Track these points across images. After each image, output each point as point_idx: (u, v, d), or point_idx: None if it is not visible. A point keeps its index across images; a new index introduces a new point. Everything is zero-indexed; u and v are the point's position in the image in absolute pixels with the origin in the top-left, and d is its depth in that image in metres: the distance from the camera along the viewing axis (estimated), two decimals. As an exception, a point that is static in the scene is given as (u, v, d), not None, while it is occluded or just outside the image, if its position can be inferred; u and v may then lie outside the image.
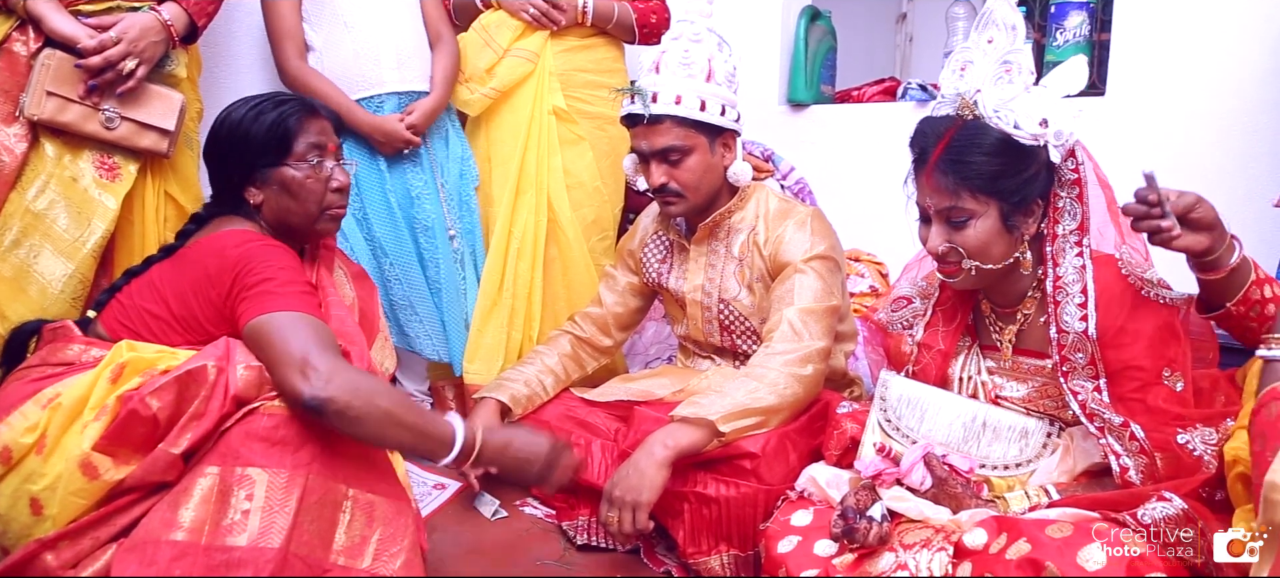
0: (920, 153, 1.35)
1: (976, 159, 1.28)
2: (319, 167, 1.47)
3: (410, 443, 1.31)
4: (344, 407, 1.22)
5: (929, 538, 1.24)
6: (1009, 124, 1.26)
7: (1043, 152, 1.29)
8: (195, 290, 1.36)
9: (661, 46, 1.77)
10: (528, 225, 2.21)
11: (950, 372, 1.47)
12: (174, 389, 1.21)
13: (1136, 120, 2.07)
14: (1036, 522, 1.16)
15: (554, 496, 1.86)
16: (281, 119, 1.45)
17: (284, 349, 1.25)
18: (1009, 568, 1.09)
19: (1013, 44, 1.29)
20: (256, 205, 1.47)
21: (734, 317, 1.85)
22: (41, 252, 1.60)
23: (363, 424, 1.24)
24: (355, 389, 1.24)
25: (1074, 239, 1.32)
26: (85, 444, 1.20)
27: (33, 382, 1.31)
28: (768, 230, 1.80)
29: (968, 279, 1.36)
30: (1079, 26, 2.16)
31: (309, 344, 1.25)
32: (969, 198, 1.29)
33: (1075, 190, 1.32)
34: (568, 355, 1.98)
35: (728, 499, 1.53)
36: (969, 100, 1.30)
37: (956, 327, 1.48)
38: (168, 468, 1.22)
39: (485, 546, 1.72)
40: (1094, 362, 1.29)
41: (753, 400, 1.57)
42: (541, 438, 1.45)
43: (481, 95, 2.21)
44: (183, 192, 1.80)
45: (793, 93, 2.77)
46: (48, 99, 1.55)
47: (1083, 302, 1.30)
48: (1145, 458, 1.23)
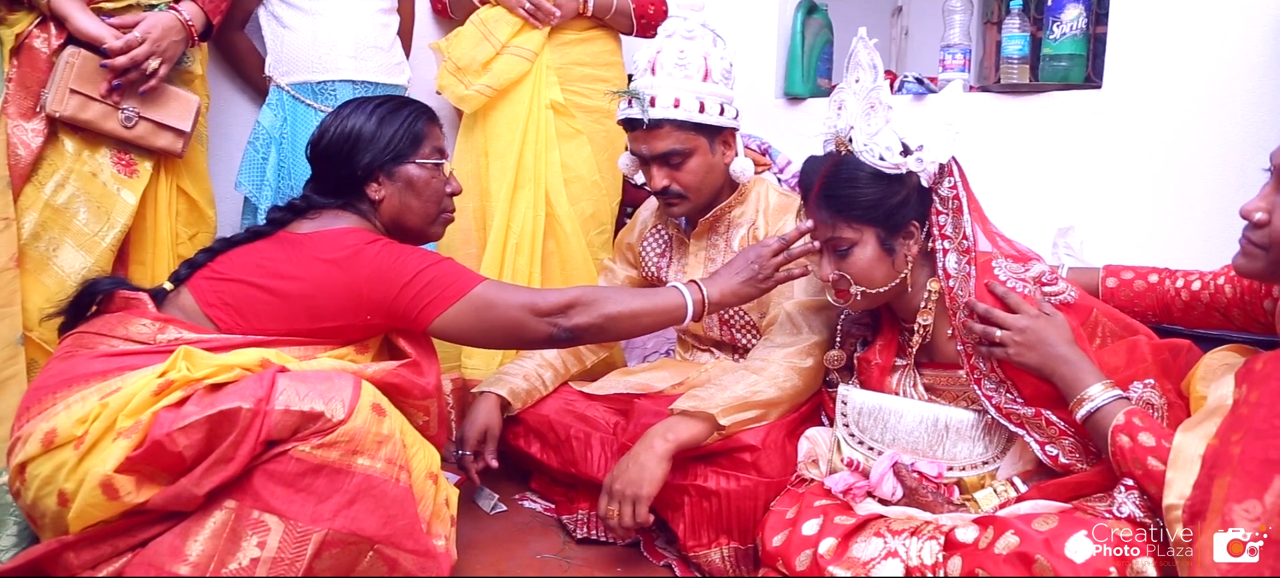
0: (804, 190, 1.46)
1: (849, 192, 1.39)
2: (439, 169, 1.53)
3: (651, 322, 1.51)
4: (598, 326, 1.44)
5: (919, 527, 1.25)
6: (874, 157, 1.37)
7: (913, 177, 1.38)
8: (324, 279, 1.36)
9: (656, 45, 1.76)
10: (526, 220, 2.20)
11: (888, 385, 1.52)
12: (204, 429, 1.17)
13: (1133, 114, 2.07)
14: (1023, 516, 1.17)
15: (553, 489, 1.86)
16: (413, 119, 1.52)
17: (507, 318, 1.41)
18: (998, 562, 1.11)
19: (873, 83, 1.39)
20: (377, 200, 1.49)
21: (733, 311, 1.85)
22: (61, 245, 1.63)
23: (613, 325, 1.46)
24: (593, 308, 1.44)
25: (960, 250, 1.39)
26: (108, 465, 1.16)
27: (102, 356, 1.27)
28: (768, 225, 1.80)
29: (856, 303, 1.46)
30: (1076, 20, 2.16)
31: (520, 299, 1.42)
32: (846, 227, 1.40)
33: (955, 204, 1.41)
34: (567, 349, 1.97)
35: (728, 492, 1.53)
36: (843, 137, 1.40)
37: (891, 344, 1.54)
38: (188, 503, 1.20)
39: (484, 540, 1.72)
40: (996, 369, 1.36)
41: (752, 394, 1.57)
42: (743, 256, 1.57)
43: (475, 91, 2.19)
44: (194, 185, 1.84)
45: (789, 86, 2.76)
46: (71, 96, 1.58)
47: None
48: (1069, 438, 1.29)
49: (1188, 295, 1.47)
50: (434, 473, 1.40)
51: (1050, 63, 2.21)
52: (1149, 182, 2.06)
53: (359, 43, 2.10)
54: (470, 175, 2.28)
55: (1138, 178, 2.06)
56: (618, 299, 1.49)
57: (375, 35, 2.13)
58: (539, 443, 1.85)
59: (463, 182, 2.29)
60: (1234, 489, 1.01)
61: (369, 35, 2.11)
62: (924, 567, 1.19)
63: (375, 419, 1.26)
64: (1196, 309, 1.46)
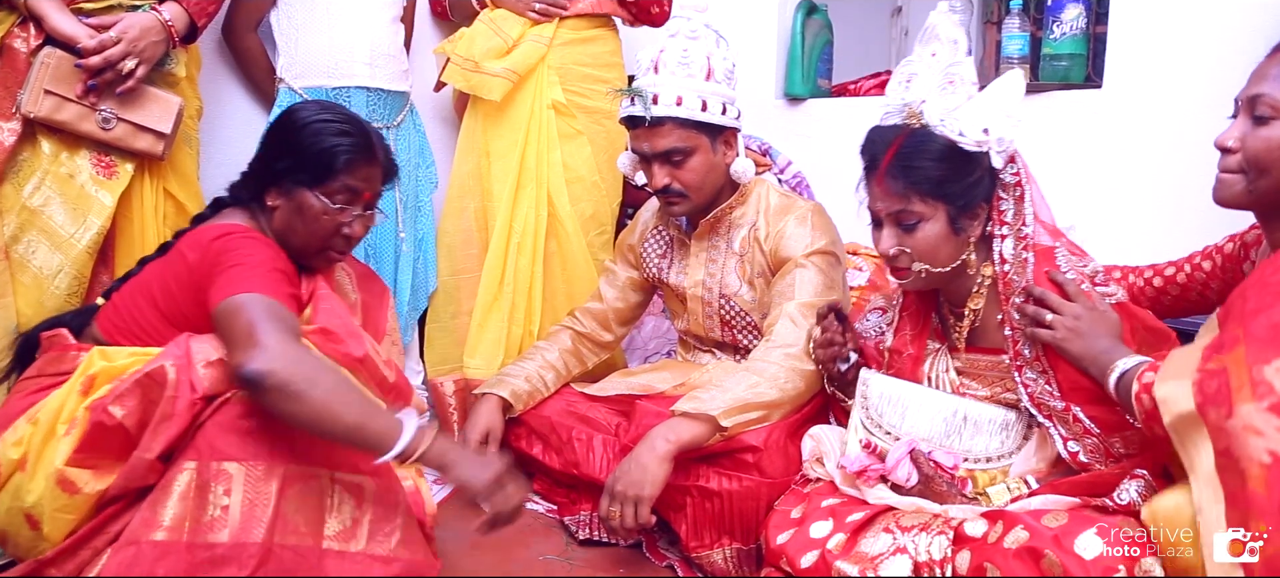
0: (871, 160, 1.41)
1: (924, 165, 1.34)
2: (340, 211, 1.45)
3: (346, 433, 1.22)
4: (283, 382, 1.16)
5: (928, 522, 1.25)
6: (953, 132, 1.33)
7: (985, 158, 1.35)
8: (179, 283, 1.35)
9: (659, 44, 1.77)
10: (528, 220, 2.20)
11: (920, 374, 1.51)
12: (136, 394, 1.20)
13: (1134, 113, 2.08)
14: (1033, 511, 1.17)
15: (555, 491, 1.86)
16: (335, 150, 1.43)
17: (236, 327, 1.23)
18: (1007, 556, 1.11)
19: (954, 57, 1.36)
20: (272, 208, 1.47)
21: (735, 312, 1.86)
22: (38, 247, 1.61)
23: (301, 403, 1.17)
24: (297, 366, 1.18)
25: (1018, 237, 1.38)
26: (58, 460, 1.19)
27: (29, 394, 1.32)
28: (768, 226, 1.80)
29: (917, 281, 1.42)
30: (1076, 19, 2.16)
31: (260, 320, 1.22)
32: (918, 201, 1.36)
33: (1017, 192, 1.39)
34: (569, 351, 1.98)
35: (730, 493, 1.53)
36: (915, 110, 1.36)
37: (922, 330, 1.53)
38: (147, 473, 1.21)
39: (487, 541, 1.71)
40: (1040, 358, 1.34)
41: (754, 395, 1.57)
42: (488, 469, 1.31)
43: (497, 75, 2.15)
44: (182, 188, 1.81)
45: (789, 87, 2.77)
46: (45, 97, 1.55)
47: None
48: (1093, 439, 1.28)
49: (1161, 282, 1.47)
50: None
51: (1050, 62, 2.21)
52: (1149, 181, 2.06)
53: (374, 50, 2.09)
54: (471, 175, 2.29)
55: (1138, 177, 2.07)
56: (337, 371, 1.27)
57: (388, 43, 2.13)
58: (541, 444, 1.85)
59: (464, 182, 2.32)
60: (1252, 355, 0.98)
61: (383, 43, 2.11)
62: (933, 562, 1.19)
63: None
64: (1172, 297, 1.47)
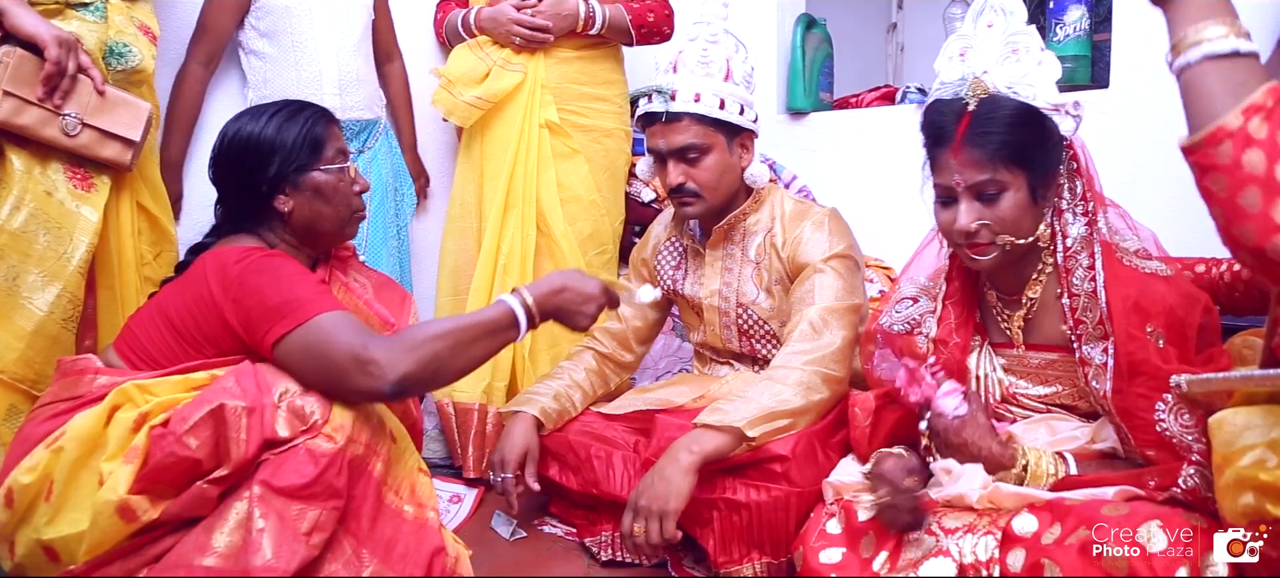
0: (939, 132, 1.35)
1: (1004, 131, 1.29)
2: (345, 170, 1.49)
3: (487, 353, 1.36)
4: (419, 377, 1.25)
5: (973, 523, 1.21)
6: (1030, 96, 1.29)
7: (1053, 126, 1.32)
8: (199, 307, 1.32)
9: (679, 45, 1.76)
10: (515, 241, 2.17)
11: (967, 367, 1.46)
12: (209, 426, 1.18)
13: (1139, 113, 2.07)
14: (1090, 503, 1.13)
15: (573, 512, 1.81)
16: (311, 123, 1.46)
17: (332, 358, 1.24)
18: (1070, 554, 1.06)
19: (1015, 27, 1.33)
20: (286, 213, 1.44)
21: (753, 321, 1.82)
22: (23, 274, 1.48)
23: (442, 375, 1.30)
24: (415, 355, 1.25)
25: (1077, 210, 1.34)
26: (120, 489, 1.16)
27: (46, 421, 1.29)
28: (785, 232, 1.78)
29: (997, 258, 1.34)
30: (1079, 21, 2.16)
31: (352, 341, 1.24)
32: (1003, 169, 1.30)
33: (1074, 166, 1.36)
34: (594, 371, 1.94)
35: (759, 505, 1.49)
36: (980, 80, 1.31)
37: (967, 319, 1.48)
38: (205, 504, 1.20)
39: (506, 566, 1.67)
40: (1103, 322, 1.29)
41: (779, 404, 1.53)
42: (591, 280, 1.47)
43: (468, 102, 2.14)
44: (154, 202, 1.71)
45: (792, 100, 2.76)
46: (5, 99, 1.43)
47: (1090, 265, 1.32)
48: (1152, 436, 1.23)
49: (1231, 277, 1.44)
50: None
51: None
52: (1156, 181, 2.04)
53: (343, 76, 2.08)
54: (471, 198, 2.26)
55: (1145, 177, 2.05)
56: (437, 323, 1.34)
57: (357, 67, 2.11)
58: (558, 465, 1.81)
59: (464, 205, 2.29)
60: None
61: (352, 68, 2.10)
62: (979, 564, 1.15)
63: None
64: (1239, 293, 1.44)
